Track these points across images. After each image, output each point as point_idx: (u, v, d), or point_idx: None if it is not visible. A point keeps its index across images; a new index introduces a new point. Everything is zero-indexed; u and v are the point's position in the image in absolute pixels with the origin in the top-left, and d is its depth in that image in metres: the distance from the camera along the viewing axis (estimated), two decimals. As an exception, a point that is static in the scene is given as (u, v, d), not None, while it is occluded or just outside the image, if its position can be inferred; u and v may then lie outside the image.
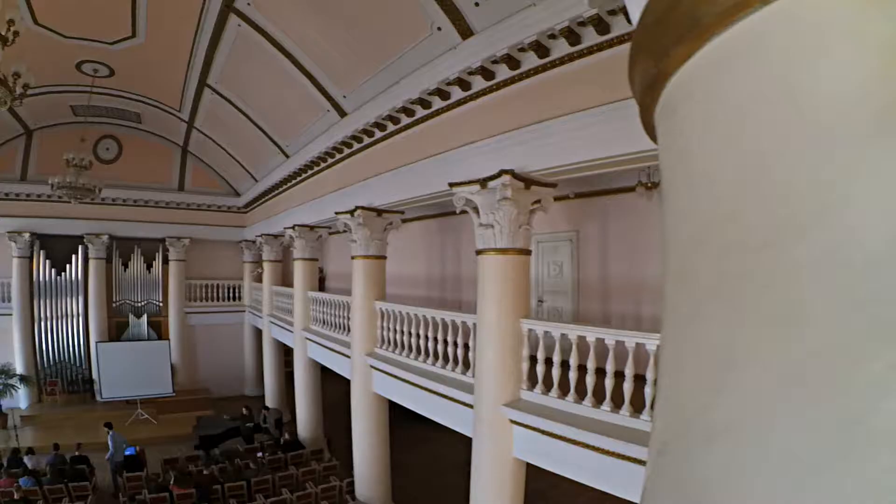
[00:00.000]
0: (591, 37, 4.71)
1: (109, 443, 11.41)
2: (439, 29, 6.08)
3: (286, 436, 12.28)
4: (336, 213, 9.65)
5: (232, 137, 14.80)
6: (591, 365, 4.92)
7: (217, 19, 8.73)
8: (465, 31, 5.84)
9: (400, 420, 9.56)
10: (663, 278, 1.03)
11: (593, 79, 4.81)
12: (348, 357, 9.57)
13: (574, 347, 5.11)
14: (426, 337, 7.42)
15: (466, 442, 6.45)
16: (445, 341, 6.98)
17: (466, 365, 6.56)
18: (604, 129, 4.66)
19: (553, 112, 5.13)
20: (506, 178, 5.49)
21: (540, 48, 5.13)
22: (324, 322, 11.40)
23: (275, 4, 7.86)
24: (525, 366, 5.67)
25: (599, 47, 4.70)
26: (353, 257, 9.28)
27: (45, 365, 16.83)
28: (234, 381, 19.01)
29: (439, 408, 6.99)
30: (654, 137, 1.18)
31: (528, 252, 5.89)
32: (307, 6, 7.54)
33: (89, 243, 17.01)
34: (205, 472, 10.22)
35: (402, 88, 7.17)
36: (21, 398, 15.83)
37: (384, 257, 9.27)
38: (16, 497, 9.01)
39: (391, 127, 8.05)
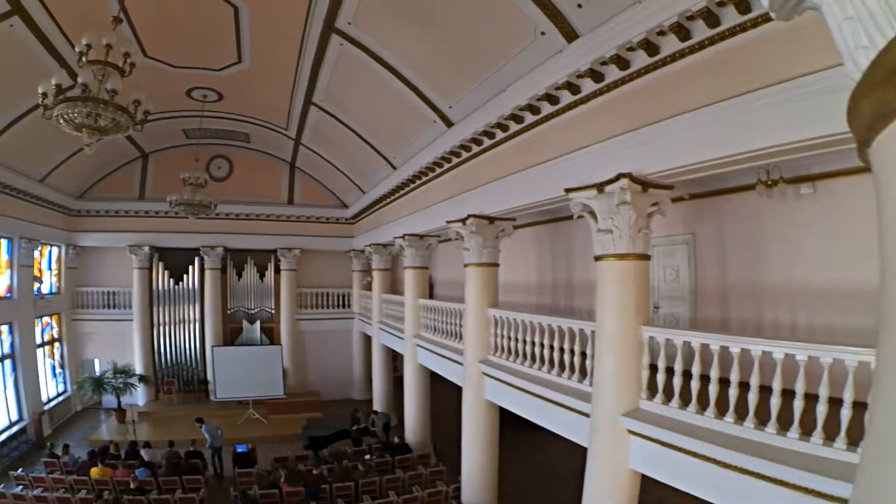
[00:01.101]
0: (701, 31, 4.72)
1: (206, 434, 13.08)
2: (543, 34, 6.28)
3: (395, 439, 12.97)
4: (447, 222, 10.11)
5: (338, 152, 15.92)
6: (714, 374, 4.89)
7: (319, 40, 9.51)
8: (570, 34, 6.00)
9: (508, 426, 9.82)
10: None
11: (707, 74, 4.82)
12: (460, 364, 9.99)
13: (696, 356, 5.10)
14: (541, 344, 7.61)
15: (577, 450, 6.56)
16: (562, 349, 7.12)
17: (583, 373, 6.70)
18: (721, 127, 4.66)
19: (667, 111, 5.17)
20: (624, 182, 5.56)
21: (649, 46, 5.19)
22: (435, 329, 11.94)
23: (375, 22, 8.44)
24: (645, 374, 5.70)
25: (711, 41, 4.69)
26: (465, 265, 9.69)
27: (163, 366, 19.32)
28: (342, 385, 20.45)
29: (553, 416, 7.16)
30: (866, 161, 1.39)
31: (647, 257, 5.91)
32: (408, 21, 8.04)
33: (205, 255, 19.29)
34: (314, 471, 10.96)
35: (510, 95, 7.46)
36: (139, 396, 18.28)
37: (496, 265, 9.59)
38: (132, 486, 10.22)
39: (500, 135, 8.37)
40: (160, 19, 9.34)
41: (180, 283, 19.50)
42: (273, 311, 20.36)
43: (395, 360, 17.47)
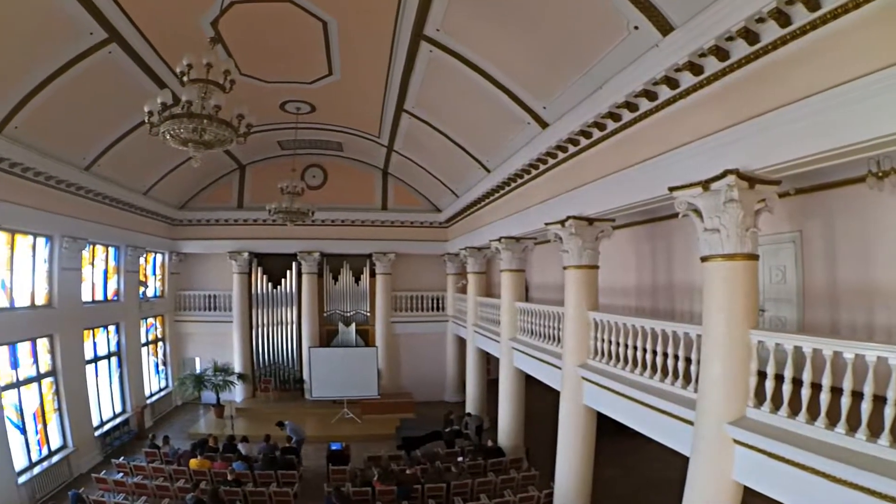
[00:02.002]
0: (801, 15, 4.60)
1: (290, 433, 14.22)
2: (636, 28, 6.30)
3: (489, 442, 13.22)
4: (546, 224, 10.23)
5: (431, 157, 16.51)
6: (825, 382, 4.71)
7: (408, 48, 9.96)
8: (665, 27, 5.98)
9: (600, 432, 9.79)
10: None
11: (812, 61, 4.67)
12: (558, 368, 10.08)
13: (808, 362, 4.93)
14: (643, 349, 7.57)
15: (672, 459, 6.48)
16: (665, 354, 7.07)
17: (686, 379, 6.62)
18: (830, 117, 4.50)
19: (772, 103, 5.04)
20: (730, 179, 5.47)
21: (749, 34, 5.09)
22: (532, 332, 12.09)
23: (464, 26, 8.74)
24: (752, 381, 5.56)
25: (813, 25, 4.56)
26: (565, 267, 9.78)
27: (261, 365, 21.00)
28: (435, 386, 21.15)
29: (654, 423, 7.12)
30: None
31: (755, 257, 5.74)
32: (496, 24, 8.27)
33: (302, 260, 20.73)
34: (407, 471, 11.39)
35: (606, 93, 7.50)
36: (237, 393, 19.85)
37: (596, 266, 9.59)
38: (229, 478, 11.06)
39: (597, 134, 8.41)
40: (251, 38, 10.16)
41: (278, 286, 21.12)
42: (368, 314, 21.45)
43: (488, 363, 17.83)
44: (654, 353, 7.28)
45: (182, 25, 9.43)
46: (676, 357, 6.87)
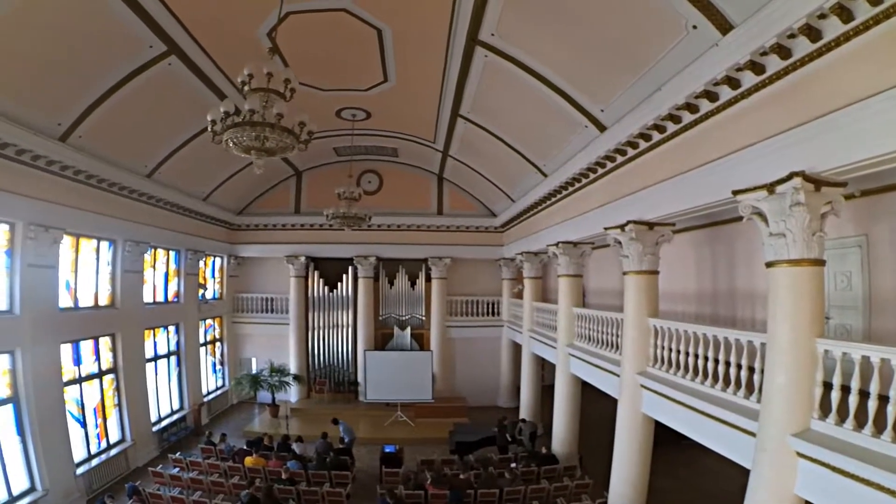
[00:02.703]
0: (863, 10, 4.52)
1: (342, 432, 14.57)
2: (695, 27, 6.26)
3: (543, 449, 13.19)
4: (605, 229, 10.17)
5: (487, 161, 16.66)
6: (893, 394, 4.59)
7: (463, 54, 10.13)
8: (724, 26, 5.93)
9: (657, 441, 9.63)
10: None
11: (877, 58, 4.56)
12: (616, 375, 10.02)
13: (876, 372, 4.77)
14: (704, 357, 7.47)
15: (729, 471, 6.34)
16: (727, 362, 6.93)
17: (749, 388, 6.50)
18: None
19: (837, 102, 4.93)
20: (797, 181, 5.35)
21: (811, 31, 5.01)
22: (589, 339, 12.04)
23: (519, 30, 8.82)
24: (818, 391, 5.41)
25: (876, 20, 4.46)
26: (624, 273, 9.71)
27: (316, 367, 21.69)
28: (489, 391, 21.28)
29: (714, 433, 6.98)
30: None
31: (822, 262, 5.60)
32: (552, 27, 8.33)
33: (358, 264, 21.32)
34: (461, 476, 11.50)
35: (665, 95, 7.46)
36: (292, 393, 20.57)
37: (657, 272, 9.48)
38: (283, 477, 11.42)
39: (657, 136, 8.34)
40: (307, 48, 10.54)
41: (334, 290, 21.80)
42: (423, 318, 21.78)
43: (542, 369, 17.79)
44: (716, 361, 7.15)
45: (239, 36, 9.96)
46: (739, 366, 6.74)
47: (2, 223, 10.70)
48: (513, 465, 12.27)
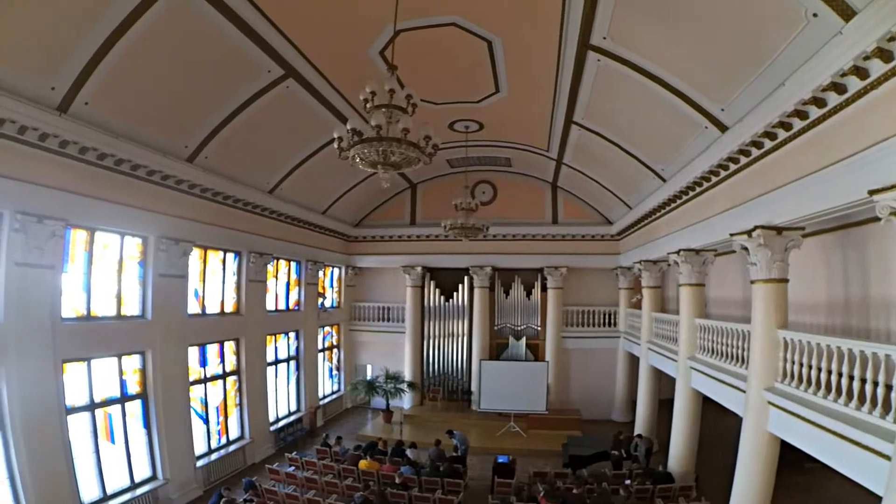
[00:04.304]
0: None
1: (456, 442, 14.75)
2: (815, 15, 5.90)
3: (659, 467, 12.68)
4: (731, 235, 9.71)
5: (602, 168, 16.37)
6: None
7: (575, 59, 10.07)
8: (846, 12, 5.56)
9: (779, 462, 8.95)
10: None
11: None
12: (740, 390, 9.47)
13: None
14: (838, 373, 6.86)
15: (862, 498, 5.77)
16: (863, 379, 6.34)
17: (885, 407, 5.92)
18: None
19: None
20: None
21: None
22: (712, 351, 11.44)
23: (631, 32, 8.65)
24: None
25: None
26: (752, 282, 9.19)
27: (430, 374, 22.26)
28: (603, 405, 20.74)
29: (846, 455, 6.40)
30: None
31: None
32: (664, 26, 8.11)
33: (474, 274, 21.67)
34: (574, 490, 11.22)
35: (789, 89, 7.02)
36: (406, 400, 21.18)
37: (786, 280, 8.88)
38: (396, 481, 11.69)
39: (783, 134, 7.84)
40: (419, 63, 10.90)
41: (450, 300, 22.34)
42: (539, 328, 21.69)
43: (660, 382, 17.02)
44: (851, 377, 6.58)
45: (352, 57, 10.65)
46: (875, 383, 6.15)
47: (136, 237, 12.03)
48: (627, 481, 11.89)
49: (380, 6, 8.42)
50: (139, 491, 11.32)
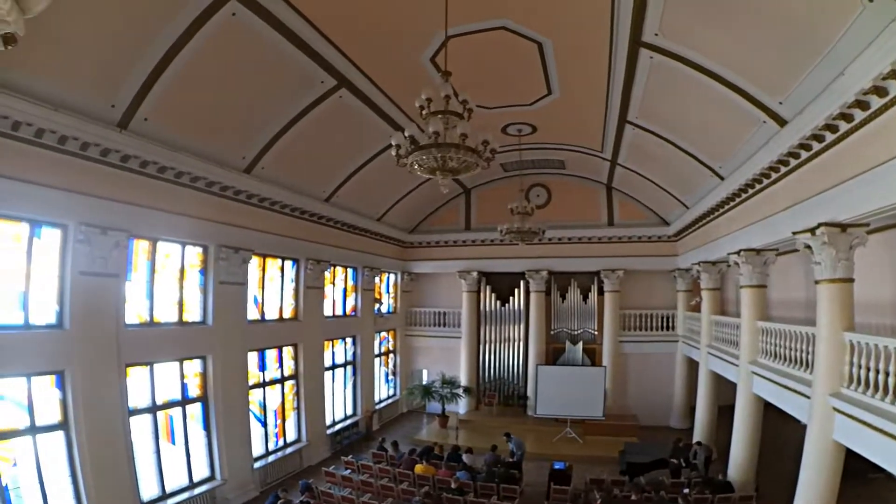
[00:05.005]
0: None
1: (513, 447, 14.63)
2: (871, 0, 5.65)
3: (719, 476, 12.25)
4: (794, 233, 9.35)
5: (657, 168, 16.03)
6: None
7: (627, 58, 9.92)
8: None
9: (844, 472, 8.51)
10: None
11: None
12: (804, 396, 9.07)
13: None
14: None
15: None
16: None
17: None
18: None
19: None
20: None
21: None
22: (775, 355, 11.01)
23: (683, 27, 8.47)
24: None
25: None
26: (816, 282, 8.83)
27: (486, 379, 22.21)
28: (661, 410, 20.18)
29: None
30: None
31: None
32: (717, 18, 7.89)
33: (530, 278, 21.55)
34: (632, 497, 10.99)
35: (848, 80, 6.72)
36: (461, 405, 21.22)
37: (851, 280, 8.48)
38: (452, 486, 11.68)
39: (844, 126, 7.50)
40: (470, 68, 10.80)
41: (506, 304, 22.27)
42: (595, 333, 21.35)
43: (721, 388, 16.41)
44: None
45: (403, 64, 10.86)
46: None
47: (196, 246, 12.57)
48: (685, 490, 11.55)
49: (429, 13, 8.56)
50: (197, 490, 11.77)
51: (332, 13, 9.01)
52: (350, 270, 19.96)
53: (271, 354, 15.23)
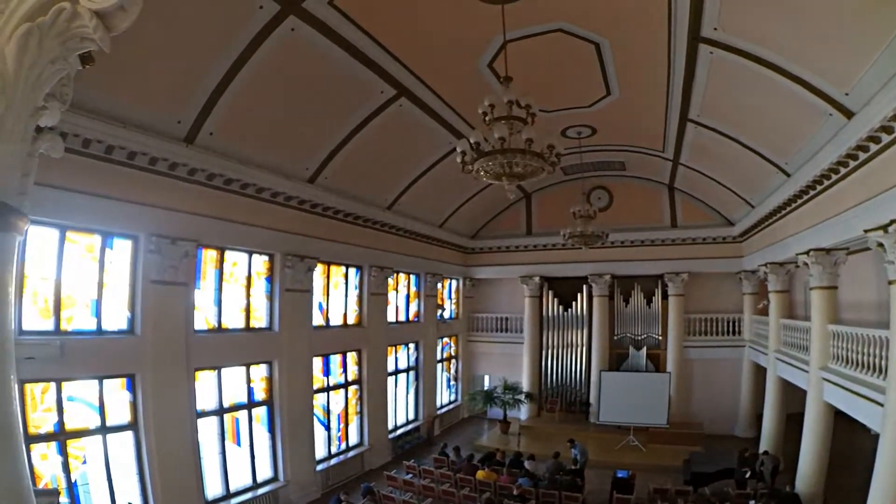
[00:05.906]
0: None
1: (576, 453, 14.49)
2: None
3: (786, 488, 11.73)
4: (865, 231, 8.94)
5: (721, 166, 15.55)
6: None
7: (686, 54, 9.69)
8: None
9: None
10: None
11: None
12: (878, 404, 8.57)
13: None
14: None
15: None
16: None
17: None
18: None
19: None
20: None
21: None
22: (847, 361, 10.43)
23: (742, 20, 8.22)
24: None
25: None
26: (890, 282, 8.40)
27: (548, 385, 21.97)
28: (726, 419, 19.35)
29: None
30: None
31: None
32: (776, 9, 7.64)
33: (593, 283, 21.22)
34: (698, 508, 10.64)
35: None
36: (523, 411, 21.04)
37: (923, 280, 8.00)
38: (514, 493, 11.59)
39: (915, 117, 7.15)
40: (528, 71, 10.75)
41: (569, 309, 22.00)
42: (659, 338, 20.82)
43: (789, 395, 15.66)
44: None
45: (461, 71, 10.99)
46: None
47: (263, 255, 13.07)
48: (751, 502, 11.18)
49: (485, 20, 8.71)
50: (260, 491, 12.20)
51: (388, 23, 9.22)
52: (413, 276, 20.26)
53: (335, 359, 15.62)
